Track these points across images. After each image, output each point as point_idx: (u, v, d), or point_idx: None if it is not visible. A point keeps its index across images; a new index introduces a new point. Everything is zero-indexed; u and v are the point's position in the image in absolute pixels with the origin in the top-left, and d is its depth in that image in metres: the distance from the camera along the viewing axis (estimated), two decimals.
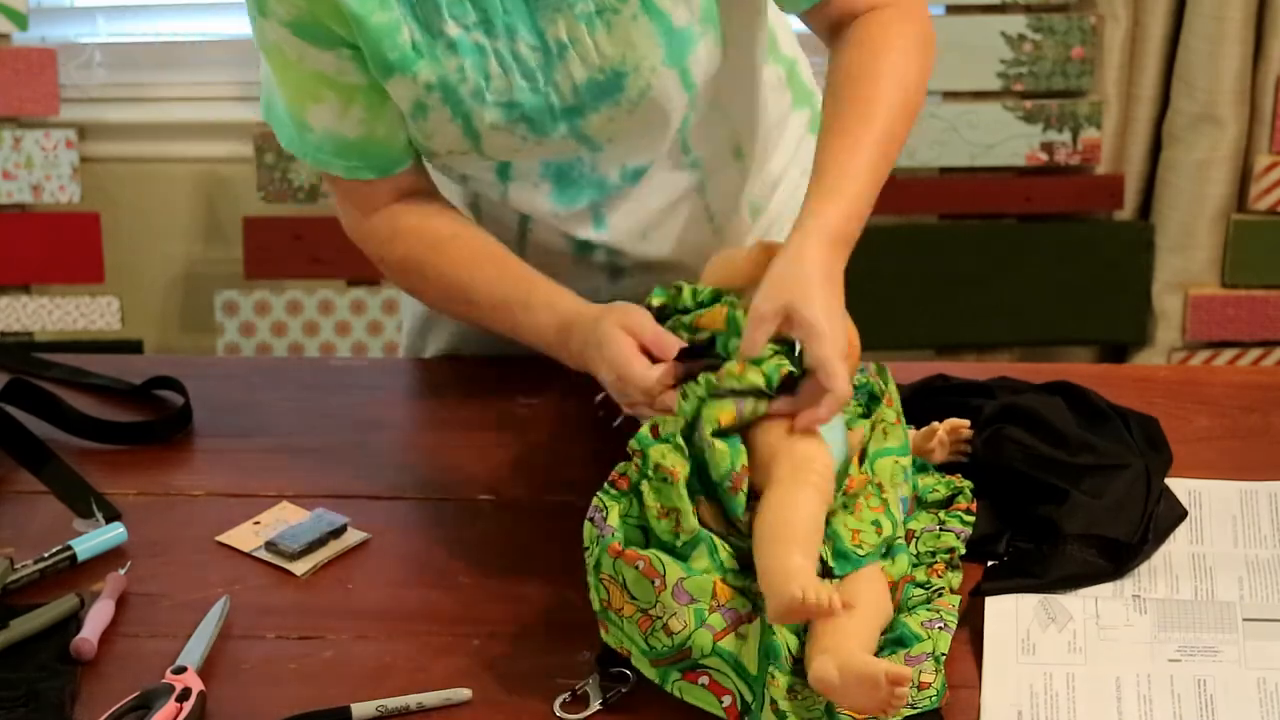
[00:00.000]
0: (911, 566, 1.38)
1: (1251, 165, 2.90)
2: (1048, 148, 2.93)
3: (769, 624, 1.27)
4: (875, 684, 1.20)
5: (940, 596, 1.37)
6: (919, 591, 1.37)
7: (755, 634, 1.27)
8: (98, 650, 1.37)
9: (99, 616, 1.39)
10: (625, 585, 1.27)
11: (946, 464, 1.51)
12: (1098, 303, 3.01)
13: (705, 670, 1.27)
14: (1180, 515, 1.50)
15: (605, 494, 1.33)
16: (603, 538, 1.29)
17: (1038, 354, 3.08)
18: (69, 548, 1.47)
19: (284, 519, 1.53)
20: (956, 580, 1.39)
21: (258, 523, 1.53)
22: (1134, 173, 2.99)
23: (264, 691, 1.33)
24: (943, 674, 1.30)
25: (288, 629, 1.40)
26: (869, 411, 1.58)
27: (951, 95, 2.94)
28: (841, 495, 1.35)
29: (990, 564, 1.45)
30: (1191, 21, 2.84)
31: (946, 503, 1.46)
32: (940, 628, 1.33)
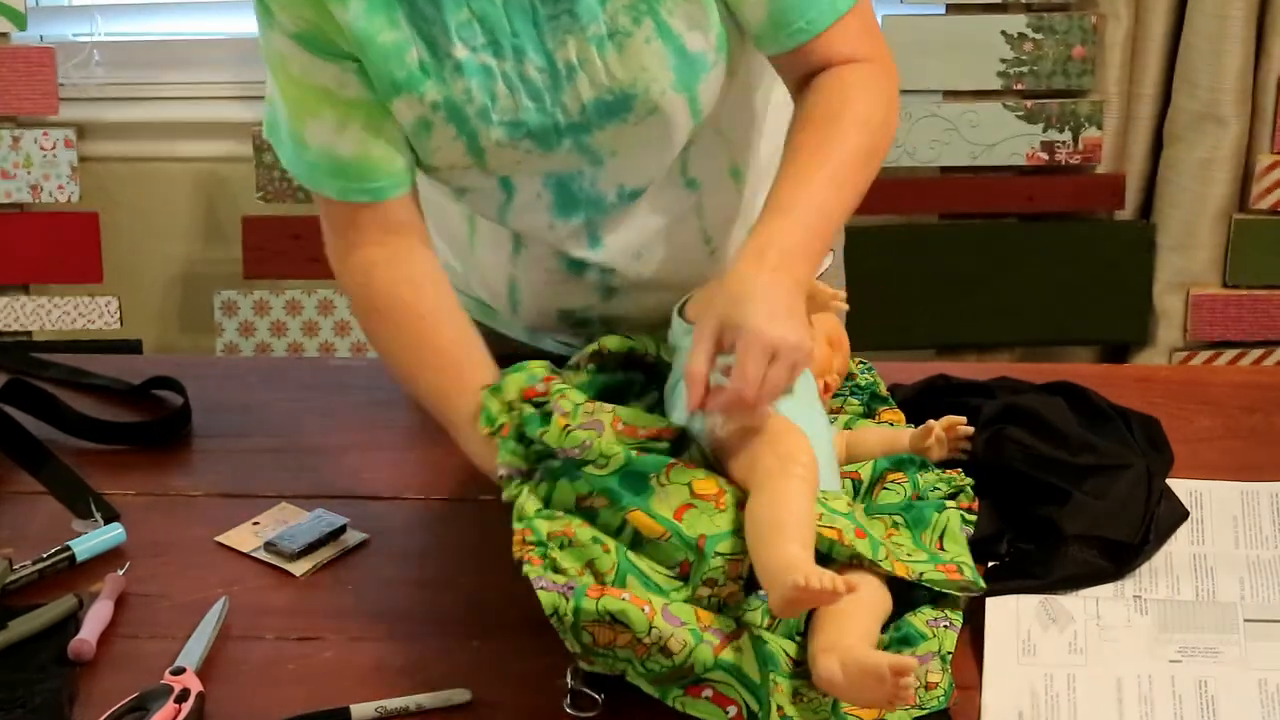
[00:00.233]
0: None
1: (1253, 164, 2.90)
2: (1049, 147, 2.93)
3: (761, 633, 1.27)
4: (880, 677, 1.20)
5: (944, 596, 1.36)
6: (922, 591, 1.37)
7: (749, 646, 1.27)
8: (96, 651, 1.36)
9: (98, 617, 1.39)
10: (614, 619, 1.25)
11: (948, 461, 1.51)
12: (1099, 302, 3.01)
13: (708, 683, 1.26)
14: (1181, 516, 1.50)
15: (529, 565, 1.31)
16: (573, 591, 1.28)
17: (1038, 354, 3.08)
18: (68, 548, 1.47)
19: (283, 519, 1.53)
20: None
21: (257, 523, 1.53)
22: (1135, 172, 2.99)
23: (263, 692, 1.33)
24: (949, 673, 1.30)
25: (287, 629, 1.40)
26: (870, 411, 1.59)
27: (952, 95, 2.93)
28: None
29: (991, 564, 1.44)
30: (1193, 20, 2.84)
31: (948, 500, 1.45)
32: (946, 626, 1.33)
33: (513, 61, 1.47)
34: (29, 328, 3.01)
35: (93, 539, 1.49)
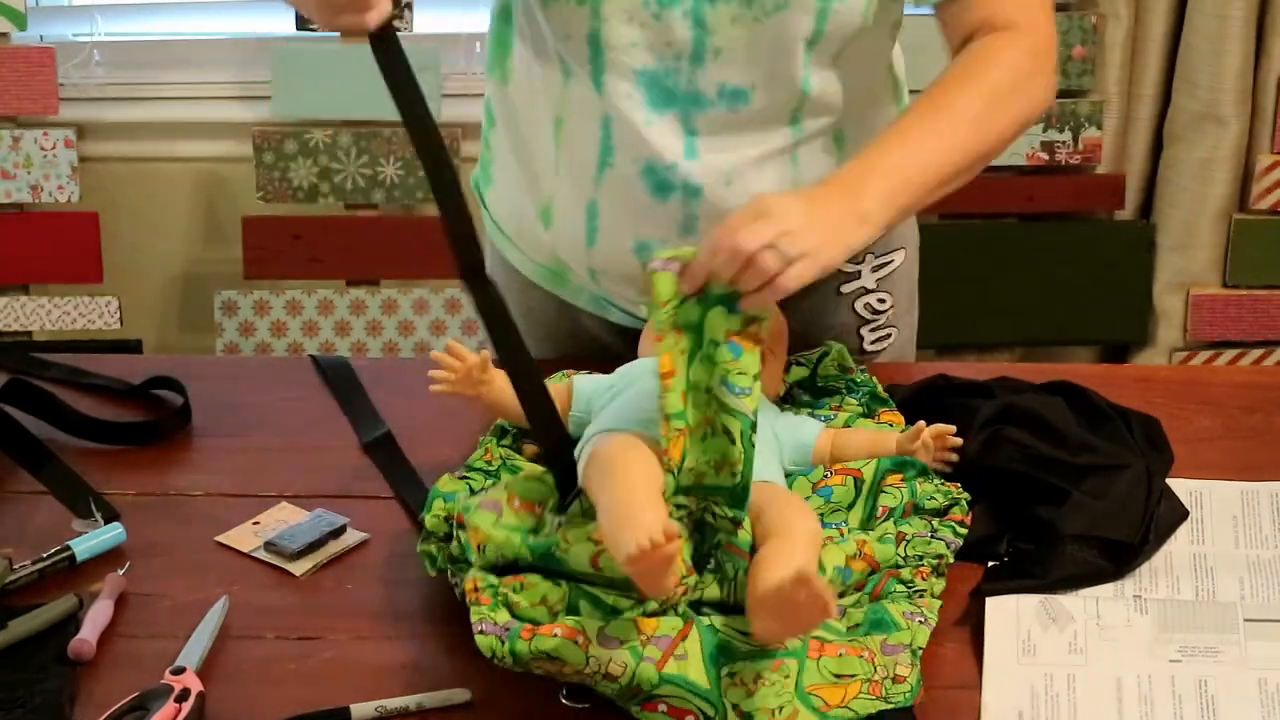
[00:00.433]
0: (897, 566, 1.38)
1: (1253, 164, 2.90)
2: (1049, 147, 2.93)
3: (714, 621, 1.27)
4: (786, 597, 1.18)
5: (921, 597, 1.36)
6: (901, 588, 1.36)
7: (695, 648, 1.26)
8: (96, 651, 1.36)
9: (98, 617, 1.39)
10: (550, 657, 1.25)
11: (948, 472, 1.50)
12: (1099, 302, 3.01)
13: (660, 699, 1.25)
14: (1181, 515, 1.49)
15: (476, 606, 1.31)
16: (508, 634, 1.27)
17: (1039, 354, 3.08)
18: (68, 548, 1.47)
19: (283, 519, 1.53)
20: (940, 586, 1.39)
21: (257, 523, 1.53)
22: (1135, 172, 2.99)
23: (263, 692, 1.33)
24: (918, 669, 1.29)
25: (287, 629, 1.40)
26: (870, 411, 1.58)
27: None
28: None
29: (991, 564, 1.44)
30: (1193, 20, 2.84)
31: (943, 511, 1.45)
32: (920, 621, 1.32)
33: None
34: (29, 328, 3.01)
35: (93, 539, 1.49)
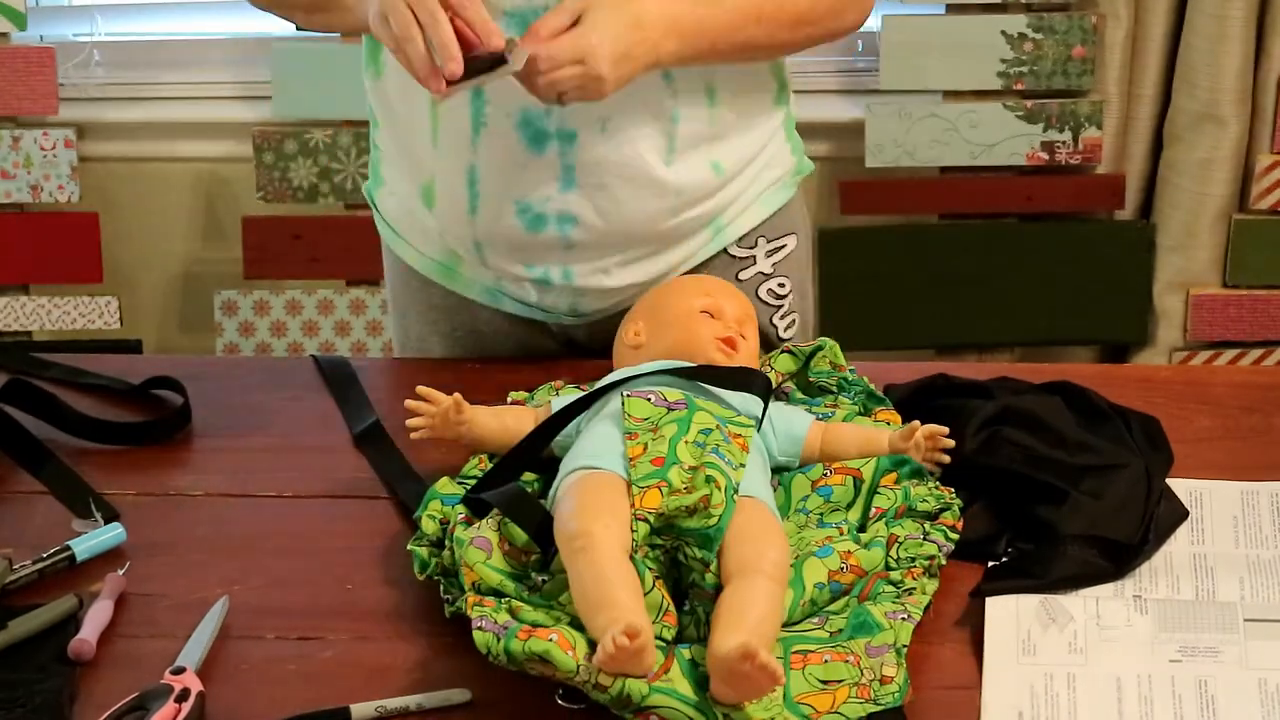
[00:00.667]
0: (888, 568, 1.38)
1: (1253, 164, 2.90)
2: (1048, 147, 2.93)
3: (695, 655, 1.27)
4: (733, 671, 1.19)
5: (910, 595, 1.36)
6: (890, 589, 1.36)
7: (680, 670, 1.26)
8: (96, 651, 1.36)
9: (98, 617, 1.39)
10: (543, 660, 1.25)
11: (943, 476, 1.49)
12: (1099, 303, 3.01)
13: (651, 710, 1.25)
14: (1181, 515, 1.49)
15: (479, 606, 1.31)
16: (505, 632, 1.27)
17: (1038, 354, 3.08)
18: (68, 548, 1.47)
19: None
20: (932, 586, 1.38)
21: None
22: (1135, 172, 2.99)
23: (263, 692, 1.33)
24: (904, 668, 1.28)
25: (287, 629, 1.40)
26: (867, 410, 1.58)
27: (952, 94, 2.93)
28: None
29: (990, 565, 1.44)
30: (1193, 20, 2.84)
31: (934, 515, 1.45)
32: (903, 619, 1.32)
33: None
34: (29, 328, 3.01)
35: (93, 539, 1.49)
